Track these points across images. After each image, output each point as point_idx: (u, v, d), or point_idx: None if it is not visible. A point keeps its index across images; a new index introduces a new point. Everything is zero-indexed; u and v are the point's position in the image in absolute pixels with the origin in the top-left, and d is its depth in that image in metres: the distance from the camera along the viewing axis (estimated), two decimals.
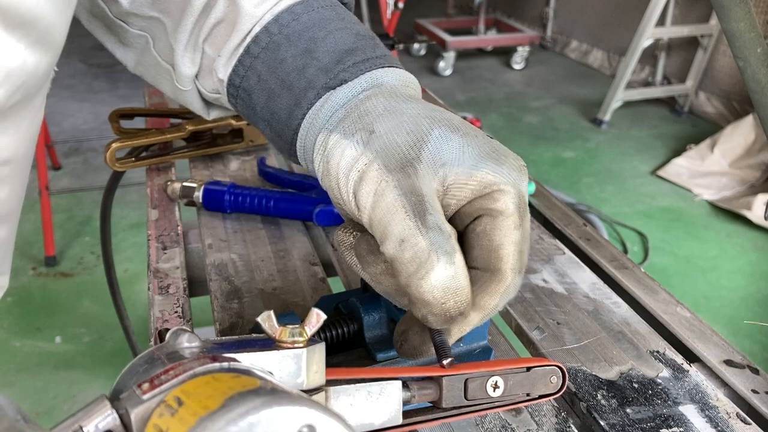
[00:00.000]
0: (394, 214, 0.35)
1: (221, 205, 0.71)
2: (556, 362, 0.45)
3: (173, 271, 0.63)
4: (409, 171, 0.36)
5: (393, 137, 0.38)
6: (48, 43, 0.36)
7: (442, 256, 0.33)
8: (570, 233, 0.72)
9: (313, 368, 0.32)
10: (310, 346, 0.32)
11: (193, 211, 0.75)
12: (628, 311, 0.59)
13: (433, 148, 0.37)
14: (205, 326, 1.37)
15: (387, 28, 3.18)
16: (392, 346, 0.47)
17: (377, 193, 0.36)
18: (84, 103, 3.66)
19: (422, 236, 0.34)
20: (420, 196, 0.35)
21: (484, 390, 0.42)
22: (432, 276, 0.33)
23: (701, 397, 0.49)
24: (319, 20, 0.45)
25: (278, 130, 0.45)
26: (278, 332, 0.31)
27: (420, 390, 0.41)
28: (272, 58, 0.44)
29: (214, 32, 0.47)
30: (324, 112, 0.42)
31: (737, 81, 3.46)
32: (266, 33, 0.45)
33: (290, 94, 0.44)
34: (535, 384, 0.44)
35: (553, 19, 4.98)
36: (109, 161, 0.78)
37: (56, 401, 1.72)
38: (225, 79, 0.46)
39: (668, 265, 2.40)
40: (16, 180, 0.43)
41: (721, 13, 0.43)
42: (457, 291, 0.34)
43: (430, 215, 0.34)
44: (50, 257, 2.27)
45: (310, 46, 0.44)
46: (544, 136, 3.49)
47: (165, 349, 0.30)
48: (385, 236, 0.35)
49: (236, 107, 0.48)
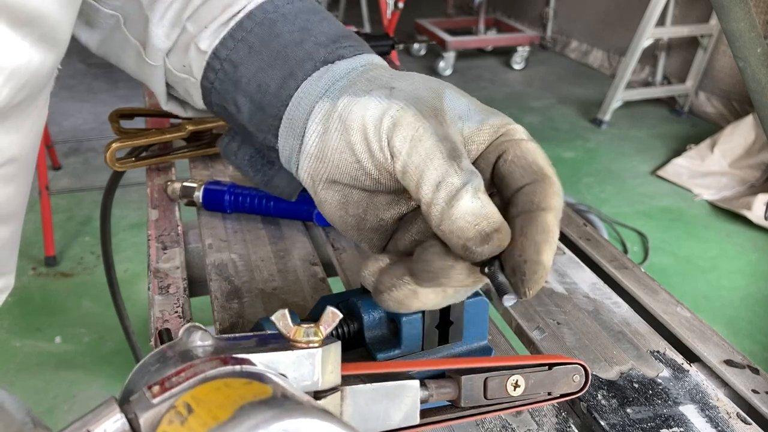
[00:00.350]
0: (433, 159, 0.36)
1: (221, 205, 0.71)
2: (579, 360, 0.44)
3: (173, 271, 0.63)
4: (441, 119, 0.38)
5: (415, 91, 0.39)
6: (53, 41, 0.36)
7: (472, 190, 0.35)
8: (570, 233, 0.72)
9: (329, 368, 0.32)
10: (326, 345, 0.31)
11: (193, 211, 0.75)
12: (628, 311, 0.59)
13: (450, 102, 0.39)
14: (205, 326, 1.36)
15: (387, 28, 3.18)
16: (392, 346, 0.47)
17: (414, 138, 0.37)
18: (84, 103, 3.66)
19: (457, 176, 0.35)
20: (453, 143, 0.37)
21: (504, 389, 0.41)
22: (462, 203, 0.35)
23: (701, 397, 0.49)
24: (313, 8, 0.47)
25: (263, 103, 0.45)
26: (293, 332, 0.30)
27: (438, 389, 0.40)
28: (267, 32, 0.45)
29: (200, 10, 0.47)
30: (322, 83, 0.43)
31: (737, 81, 3.46)
32: (261, 10, 0.45)
33: (285, 65, 0.44)
34: (557, 383, 0.43)
35: (553, 19, 4.98)
36: (109, 161, 0.78)
37: (56, 401, 1.72)
38: (209, 51, 0.46)
39: (668, 265, 2.40)
40: (21, 179, 0.43)
41: (721, 13, 0.43)
42: (488, 216, 0.35)
43: (464, 160, 0.36)
44: (50, 257, 2.27)
45: (307, 25, 0.45)
46: (544, 136, 3.49)
47: (177, 348, 0.29)
48: (421, 181, 0.36)
49: (211, 84, 0.47)
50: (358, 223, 0.43)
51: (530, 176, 0.38)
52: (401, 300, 0.39)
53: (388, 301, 0.40)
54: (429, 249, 0.38)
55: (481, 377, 0.40)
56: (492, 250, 0.35)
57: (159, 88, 0.52)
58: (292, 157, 0.44)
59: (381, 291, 0.40)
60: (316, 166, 0.42)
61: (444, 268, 0.37)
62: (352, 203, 0.43)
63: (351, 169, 0.41)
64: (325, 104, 0.41)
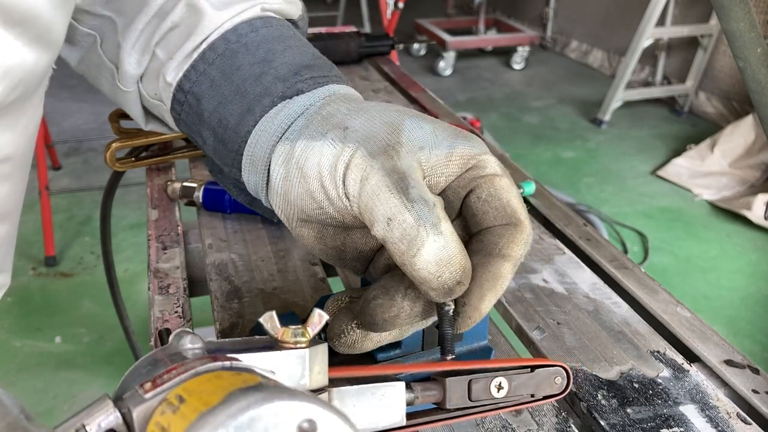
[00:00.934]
0: (379, 195, 0.35)
1: (221, 205, 0.71)
2: (560, 362, 0.45)
3: (173, 271, 0.63)
4: (392, 153, 0.37)
5: (369, 129, 0.39)
6: (47, 41, 0.36)
7: (430, 229, 0.34)
8: (570, 233, 0.72)
9: (316, 369, 0.32)
10: (313, 346, 0.32)
11: (193, 211, 0.75)
12: (629, 311, 0.59)
13: (409, 134, 0.38)
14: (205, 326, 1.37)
15: (387, 28, 3.18)
16: (393, 346, 0.47)
17: (363, 178, 0.36)
18: (84, 103, 3.66)
19: (408, 211, 0.35)
20: (402, 173, 0.36)
21: (488, 391, 0.42)
22: (423, 252, 0.34)
23: (701, 397, 0.49)
24: (278, 36, 0.46)
25: (224, 138, 0.44)
26: (280, 333, 0.31)
27: (424, 391, 0.40)
28: (228, 64, 0.44)
29: (168, 36, 0.46)
30: (279, 120, 0.42)
31: (737, 81, 3.46)
32: (223, 40, 0.45)
33: (243, 100, 0.43)
34: (540, 385, 0.44)
35: (553, 19, 4.98)
36: (109, 161, 0.78)
37: (56, 401, 1.72)
38: (174, 83, 0.46)
39: (668, 265, 2.40)
40: (17, 177, 0.43)
41: (721, 13, 0.43)
42: (450, 260, 0.35)
43: (412, 188, 0.35)
44: (50, 257, 2.27)
45: (268, 56, 0.44)
46: (544, 136, 3.49)
47: (168, 351, 0.30)
48: (373, 218, 0.36)
49: (179, 115, 0.47)
50: (339, 254, 0.44)
51: (502, 219, 0.38)
52: (352, 345, 0.40)
53: (339, 346, 0.41)
54: (371, 302, 0.38)
55: (466, 379, 0.41)
56: (453, 297, 0.36)
57: (135, 112, 0.52)
58: (257, 191, 0.44)
59: (331, 338, 0.41)
60: (284, 206, 0.42)
61: (388, 320, 0.38)
62: (329, 237, 0.43)
63: (317, 214, 0.40)
64: (285, 146, 0.41)
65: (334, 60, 0.49)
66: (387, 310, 0.37)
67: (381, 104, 0.41)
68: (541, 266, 0.65)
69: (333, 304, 0.42)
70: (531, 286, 0.62)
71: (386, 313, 0.38)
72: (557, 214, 0.77)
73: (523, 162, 3.11)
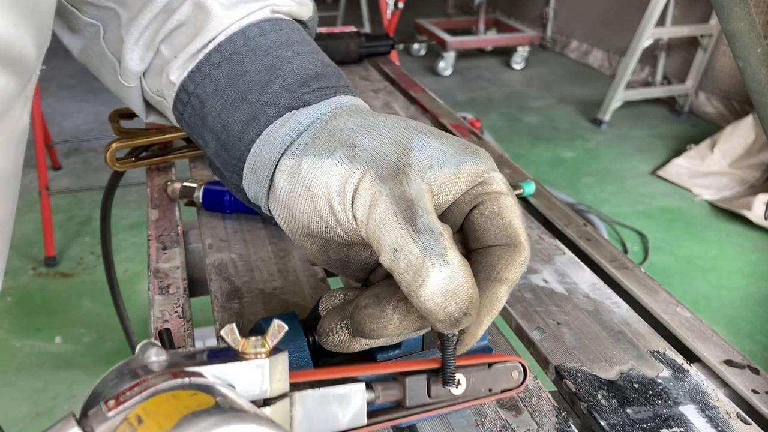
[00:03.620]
0: (386, 224, 0.35)
1: (221, 205, 0.71)
2: (517, 358, 0.46)
3: (173, 271, 0.63)
4: (401, 177, 0.36)
5: (379, 148, 0.38)
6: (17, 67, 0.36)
7: (436, 259, 0.34)
8: (570, 233, 0.72)
9: (276, 377, 0.33)
10: (273, 356, 0.33)
11: (193, 211, 0.75)
12: (629, 311, 0.59)
13: (418, 153, 0.38)
14: (205, 326, 1.37)
15: (387, 28, 3.18)
16: (392, 346, 0.47)
17: (371, 204, 0.36)
18: (84, 103, 3.66)
19: (414, 243, 0.34)
20: (410, 201, 0.35)
21: (446, 388, 0.42)
22: (428, 284, 0.34)
23: (701, 397, 0.49)
24: (287, 41, 0.45)
25: (227, 144, 0.44)
26: (241, 344, 0.32)
27: (384, 390, 0.41)
28: (234, 68, 0.43)
29: (174, 34, 0.45)
30: (284, 131, 0.41)
31: (737, 81, 3.46)
32: (230, 43, 0.44)
33: (248, 107, 0.42)
34: (497, 380, 0.45)
35: (553, 19, 4.98)
36: (109, 161, 0.78)
37: (56, 401, 1.72)
38: (177, 83, 0.45)
39: (668, 265, 2.40)
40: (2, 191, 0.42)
41: (721, 13, 0.43)
42: (456, 291, 0.34)
43: (420, 218, 0.35)
44: (50, 257, 2.27)
45: (276, 63, 0.43)
46: (544, 136, 3.49)
47: (134, 363, 0.31)
48: (380, 247, 0.35)
49: (181, 115, 0.46)
50: (342, 265, 0.43)
51: (502, 239, 0.38)
52: (339, 345, 0.41)
53: (327, 345, 0.41)
54: (361, 310, 0.38)
55: (425, 378, 0.42)
56: (459, 329, 0.36)
57: (136, 105, 0.51)
58: (259, 199, 0.43)
59: (320, 335, 0.41)
60: (288, 220, 0.41)
61: (375, 330, 0.38)
62: (332, 250, 0.42)
63: (323, 231, 0.40)
64: (291, 161, 0.40)
65: (333, 60, 0.48)
66: (375, 321, 0.37)
67: (389, 118, 0.41)
68: (541, 266, 0.65)
69: (327, 301, 0.42)
70: (531, 286, 0.62)
71: (374, 323, 0.37)
72: (557, 214, 0.77)
73: (523, 162, 3.11)
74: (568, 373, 0.51)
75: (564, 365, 0.52)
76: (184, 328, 0.55)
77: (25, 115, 0.42)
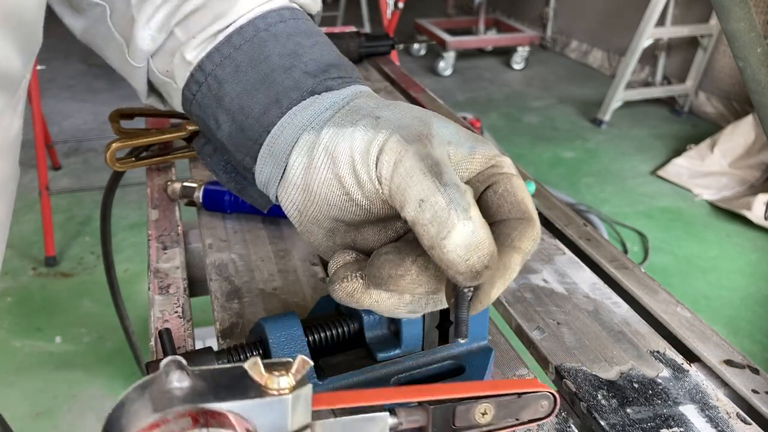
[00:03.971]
0: (413, 177, 0.36)
1: (221, 205, 0.71)
2: (549, 388, 0.44)
3: (173, 271, 0.63)
4: (425, 141, 0.38)
5: (401, 120, 0.39)
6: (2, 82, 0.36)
7: (461, 212, 0.35)
8: (570, 233, 0.72)
9: (299, 411, 0.33)
10: (296, 391, 0.33)
11: (193, 211, 0.75)
12: (628, 311, 0.59)
13: (438, 129, 0.39)
14: (205, 326, 1.37)
15: (387, 28, 3.18)
16: (393, 346, 0.47)
17: (397, 161, 0.37)
18: (84, 103, 3.66)
19: (440, 193, 0.35)
20: (435, 159, 0.37)
21: (473, 417, 0.42)
22: (453, 235, 0.35)
23: (701, 397, 0.49)
24: (305, 30, 0.45)
25: (244, 126, 0.44)
26: (264, 379, 0.32)
27: (408, 417, 0.41)
28: (256, 52, 0.44)
29: (191, 17, 0.45)
30: (308, 113, 0.42)
31: (737, 81, 3.46)
32: (252, 27, 0.44)
33: (270, 90, 0.43)
34: (525, 408, 0.43)
35: (553, 19, 4.98)
36: (109, 161, 0.78)
37: (56, 401, 1.72)
38: (194, 62, 0.45)
39: (668, 265, 2.40)
40: None
41: (721, 13, 0.43)
42: (479, 245, 0.35)
43: (446, 173, 0.36)
44: (50, 257, 2.27)
45: (298, 50, 0.44)
46: (544, 136, 3.49)
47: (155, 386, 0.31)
48: (405, 200, 0.36)
49: (193, 96, 0.46)
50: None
51: (516, 213, 0.39)
52: (351, 293, 0.40)
53: (338, 291, 0.40)
54: (382, 255, 0.38)
55: (450, 406, 0.41)
56: (479, 283, 0.36)
57: (140, 86, 0.51)
58: (269, 184, 0.43)
59: (333, 281, 0.41)
60: (302, 198, 0.42)
61: (393, 277, 0.38)
62: (339, 235, 0.43)
63: (340, 201, 0.40)
64: (309, 136, 0.41)
65: None
66: (395, 268, 0.38)
67: (405, 103, 0.42)
68: (541, 266, 0.65)
69: (339, 257, 0.42)
70: (531, 286, 0.62)
71: (393, 270, 0.38)
72: (557, 214, 0.77)
73: (523, 162, 3.11)
74: (568, 373, 0.51)
75: (564, 365, 0.52)
76: (184, 328, 0.55)
77: (16, 120, 0.42)
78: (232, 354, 0.45)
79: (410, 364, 0.48)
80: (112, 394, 1.74)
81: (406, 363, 0.48)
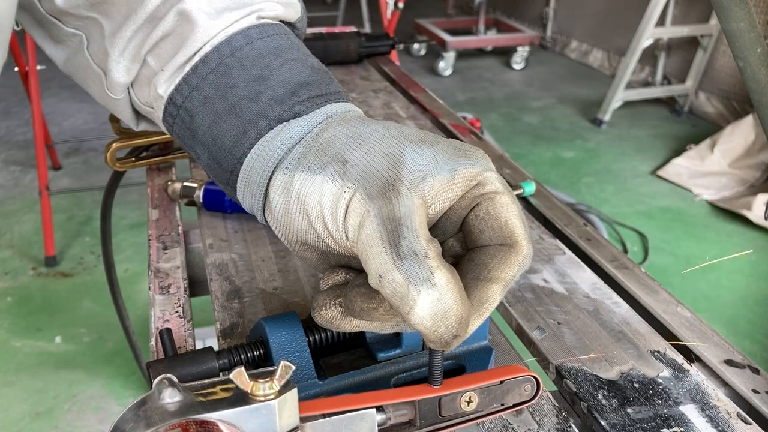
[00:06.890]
0: (372, 248, 0.35)
1: (222, 205, 0.71)
2: (529, 371, 0.45)
3: (174, 271, 0.63)
4: (391, 195, 0.36)
5: (369, 163, 0.38)
6: None
7: (421, 285, 0.33)
8: (570, 233, 0.72)
9: (285, 414, 0.34)
10: (282, 395, 0.34)
11: (193, 211, 0.75)
12: (629, 311, 0.59)
13: (410, 165, 0.37)
14: (206, 326, 1.37)
15: (387, 28, 3.18)
16: (393, 345, 0.47)
17: (360, 224, 0.36)
18: (84, 103, 3.66)
19: (397, 270, 0.34)
20: (396, 221, 0.35)
21: (458, 406, 0.42)
22: (416, 309, 0.34)
23: (702, 396, 0.49)
24: (274, 48, 0.44)
25: (219, 157, 0.43)
26: (250, 387, 0.33)
27: (395, 411, 0.41)
28: (222, 80, 0.43)
29: (160, 45, 0.44)
30: (275, 145, 0.41)
31: (737, 81, 3.46)
32: (217, 54, 0.43)
33: (238, 120, 0.42)
34: (508, 393, 0.44)
35: (553, 19, 4.98)
36: (109, 161, 0.78)
37: (56, 401, 1.72)
38: (165, 96, 0.44)
39: (668, 265, 2.40)
40: None
41: (721, 13, 0.43)
42: (446, 314, 0.34)
43: (404, 240, 0.34)
44: (50, 257, 2.27)
45: (264, 73, 0.43)
46: (544, 136, 3.49)
47: (150, 403, 0.32)
48: (368, 270, 0.36)
49: (171, 127, 0.45)
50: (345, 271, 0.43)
51: (497, 239, 0.38)
52: (330, 320, 0.41)
53: (318, 318, 0.41)
54: (354, 288, 0.38)
55: (436, 397, 0.42)
56: (450, 349, 0.36)
57: (125, 115, 0.50)
58: (255, 211, 0.43)
59: (313, 308, 0.41)
60: (286, 233, 0.41)
61: (365, 310, 0.38)
62: (333, 258, 0.42)
63: (320, 245, 0.40)
64: (284, 176, 0.40)
65: (334, 60, 0.48)
66: (366, 301, 0.37)
67: (380, 128, 0.40)
68: (542, 266, 0.65)
69: (328, 278, 0.42)
70: (531, 286, 0.62)
71: (365, 303, 0.38)
72: (557, 214, 0.77)
73: (523, 162, 3.11)
74: (569, 373, 0.51)
75: (564, 365, 0.52)
76: (185, 327, 0.55)
77: None
78: (232, 354, 0.45)
79: (410, 364, 0.48)
80: (112, 394, 1.74)
81: (406, 363, 0.48)
